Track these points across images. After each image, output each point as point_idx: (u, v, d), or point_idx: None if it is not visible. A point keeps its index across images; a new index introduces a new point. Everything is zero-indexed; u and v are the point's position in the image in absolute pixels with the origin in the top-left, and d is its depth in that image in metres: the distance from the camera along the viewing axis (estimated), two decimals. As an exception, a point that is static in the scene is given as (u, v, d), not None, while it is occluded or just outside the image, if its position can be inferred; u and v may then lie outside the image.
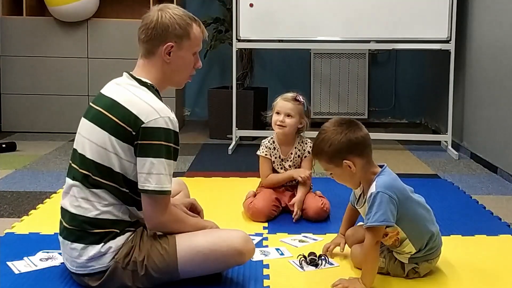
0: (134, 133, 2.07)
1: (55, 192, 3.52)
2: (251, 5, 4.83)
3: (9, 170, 4.13)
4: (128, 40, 5.44)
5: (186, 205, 2.49)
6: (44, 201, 3.34)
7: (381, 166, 2.26)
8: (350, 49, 5.79)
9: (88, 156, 2.13)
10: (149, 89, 2.17)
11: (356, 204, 2.36)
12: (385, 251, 2.32)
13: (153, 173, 2.07)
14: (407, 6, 4.79)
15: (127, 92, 2.14)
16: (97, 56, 5.56)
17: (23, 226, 2.91)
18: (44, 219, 3.01)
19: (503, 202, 3.49)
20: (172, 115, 2.12)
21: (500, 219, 3.10)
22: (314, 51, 6.00)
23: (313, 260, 2.40)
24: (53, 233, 2.73)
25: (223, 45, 5.50)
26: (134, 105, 2.09)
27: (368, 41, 5.12)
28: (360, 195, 2.31)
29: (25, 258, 2.45)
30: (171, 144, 2.10)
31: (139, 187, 2.09)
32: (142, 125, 2.06)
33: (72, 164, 2.20)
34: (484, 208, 3.29)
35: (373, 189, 2.18)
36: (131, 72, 2.23)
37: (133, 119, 2.07)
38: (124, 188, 2.13)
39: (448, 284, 2.28)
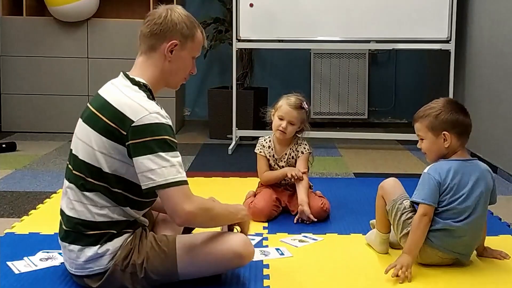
0: (124, 134, 2.03)
1: (55, 192, 3.52)
2: (251, 5, 4.83)
3: (9, 170, 4.13)
4: (128, 40, 5.43)
5: None
6: (44, 201, 3.34)
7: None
8: (350, 49, 5.79)
9: (80, 157, 2.12)
10: (140, 88, 2.12)
11: None
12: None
13: (154, 169, 1.99)
14: (407, 6, 4.78)
15: (119, 92, 2.11)
16: (97, 56, 5.56)
17: (23, 226, 2.91)
18: (44, 219, 3.01)
19: (503, 202, 3.48)
20: (162, 111, 2.07)
21: (500, 219, 3.10)
22: (314, 51, 6.00)
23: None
24: (53, 233, 2.73)
25: (223, 45, 5.50)
26: (123, 105, 2.05)
27: (368, 41, 5.12)
28: None
29: (25, 258, 2.44)
30: (166, 137, 2.03)
31: (144, 186, 2.02)
32: (132, 125, 2.01)
33: (68, 165, 2.19)
34: (484, 208, 3.29)
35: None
36: (127, 72, 2.19)
37: (122, 119, 2.03)
38: (116, 189, 2.10)
39: (448, 284, 2.28)
